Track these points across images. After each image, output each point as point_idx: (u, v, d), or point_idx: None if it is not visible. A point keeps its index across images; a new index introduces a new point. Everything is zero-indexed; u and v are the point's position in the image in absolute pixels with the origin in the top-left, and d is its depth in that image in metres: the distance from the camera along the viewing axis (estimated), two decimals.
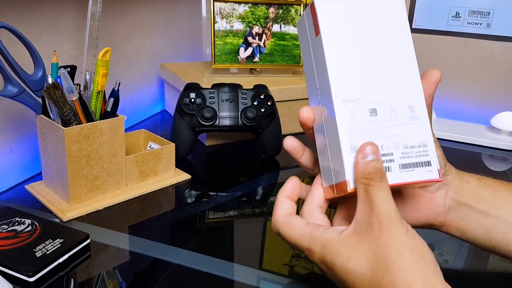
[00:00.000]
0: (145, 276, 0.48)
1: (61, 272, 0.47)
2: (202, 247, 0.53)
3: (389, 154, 0.36)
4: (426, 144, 0.37)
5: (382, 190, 0.33)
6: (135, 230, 0.57)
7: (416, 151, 0.37)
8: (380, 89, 0.37)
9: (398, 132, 0.37)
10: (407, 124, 0.37)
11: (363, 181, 0.34)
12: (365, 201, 0.34)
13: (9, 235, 0.50)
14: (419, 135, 0.37)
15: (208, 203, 0.64)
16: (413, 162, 0.37)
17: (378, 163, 0.34)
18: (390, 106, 0.37)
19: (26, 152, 0.68)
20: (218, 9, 0.92)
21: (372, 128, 0.36)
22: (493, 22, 0.99)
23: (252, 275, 0.49)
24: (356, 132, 0.36)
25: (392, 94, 0.37)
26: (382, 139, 0.36)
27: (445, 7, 1.02)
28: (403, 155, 0.37)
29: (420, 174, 0.37)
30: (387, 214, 0.32)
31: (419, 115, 0.37)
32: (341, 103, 0.36)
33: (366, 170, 0.34)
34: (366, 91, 0.37)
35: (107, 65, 0.59)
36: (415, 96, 0.38)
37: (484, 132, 0.98)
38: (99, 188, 0.61)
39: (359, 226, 0.34)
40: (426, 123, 0.37)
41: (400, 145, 0.37)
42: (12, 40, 0.57)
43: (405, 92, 0.37)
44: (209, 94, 0.75)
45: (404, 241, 0.32)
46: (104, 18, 0.70)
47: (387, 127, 0.36)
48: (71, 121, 0.56)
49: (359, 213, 0.34)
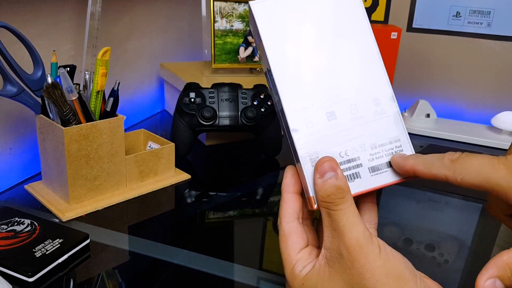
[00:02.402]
0: (145, 277, 0.48)
1: (61, 272, 0.47)
2: (202, 247, 0.53)
3: (355, 159, 0.33)
4: (399, 138, 0.34)
5: (346, 214, 0.31)
6: (135, 230, 0.57)
7: (387, 148, 0.34)
8: (336, 89, 0.34)
9: (363, 132, 0.33)
10: (373, 121, 0.33)
11: (324, 205, 0.32)
12: (330, 227, 0.31)
13: (8, 235, 0.50)
14: (388, 130, 0.34)
15: (208, 203, 0.64)
16: (385, 163, 0.33)
17: (338, 180, 0.31)
18: (351, 105, 0.33)
19: (26, 152, 0.68)
20: (218, 8, 0.92)
21: (332, 134, 0.33)
22: (494, 21, 0.99)
23: (252, 275, 0.49)
24: (314, 142, 0.33)
25: (351, 91, 0.34)
26: (345, 143, 0.33)
27: (446, 7, 1.02)
28: (372, 157, 0.33)
29: (395, 174, 0.33)
30: (355, 241, 0.30)
31: (386, 108, 0.34)
32: (293, 113, 0.33)
33: (325, 192, 0.31)
34: (320, 95, 0.33)
35: (106, 64, 0.59)
36: (379, 88, 0.34)
37: (484, 132, 0.98)
38: (98, 188, 0.60)
39: (330, 255, 0.32)
40: (395, 115, 0.34)
41: (367, 146, 0.33)
42: (11, 40, 0.57)
43: (366, 86, 0.34)
44: (209, 93, 0.75)
45: (378, 266, 0.30)
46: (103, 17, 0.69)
47: (349, 129, 0.33)
48: (71, 121, 0.56)
49: (327, 240, 0.32)
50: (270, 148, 0.79)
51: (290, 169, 0.36)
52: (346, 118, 0.33)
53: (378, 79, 0.34)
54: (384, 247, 0.31)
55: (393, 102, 0.34)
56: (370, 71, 0.34)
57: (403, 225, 0.63)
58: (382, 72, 0.34)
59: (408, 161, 0.33)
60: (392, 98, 0.34)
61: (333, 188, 0.31)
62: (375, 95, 0.34)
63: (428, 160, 0.32)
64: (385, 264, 0.30)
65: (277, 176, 0.76)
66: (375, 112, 0.34)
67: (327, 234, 0.32)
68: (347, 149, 0.33)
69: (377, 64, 0.35)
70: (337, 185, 0.31)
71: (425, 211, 0.67)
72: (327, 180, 0.31)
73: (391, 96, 0.34)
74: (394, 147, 0.34)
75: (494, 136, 0.95)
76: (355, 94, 0.34)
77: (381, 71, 0.34)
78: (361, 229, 0.31)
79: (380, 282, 0.30)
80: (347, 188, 0.31)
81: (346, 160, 0.33)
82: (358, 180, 0.33)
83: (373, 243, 0.31)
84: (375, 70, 0.34)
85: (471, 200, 0.69)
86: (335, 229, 0.31)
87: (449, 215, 0.67)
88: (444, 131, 0.96)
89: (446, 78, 1.07)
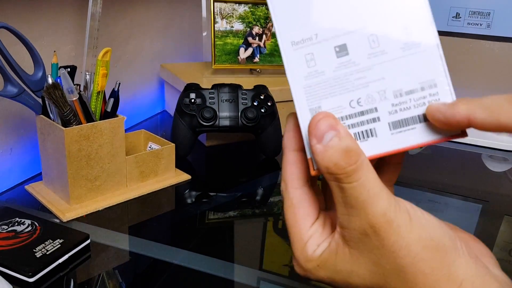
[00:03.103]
0: (145, 277, 0.48)
1: (61, 272, 0.47)
2: (202, 247, 0.53)
3: (371, 111, 0.25)
4: (435, 82, 0.25)
5: (365, 186, 0.24)
6: (135, 231, 0.57)
7: (418, 97, 0.25)
8: (350, 12, 0.25)
9: (384, 74, 0.25)
10: (400, 58, 0.25)
11: (332, 178, 0.24)
12: (345, 203, 0.25)
13: (9, 236, 0.50)
14: (421, 71, 0.25)
15: (208, 203, 0.64)
16: (412, 116, 0.25)
17: (342, 140, 0.24)
18: (370, 36, 0.25)
19: (26, 153, 0.68)
20: (218, 9, 0.92)
21: (342, 75, 0.25)
22: (493, 22, 0.99)
23: (252, 275, 0.49)
24: (316, 87, 0.26)
25: (371, 16, 0.25)
26: (359, 89, 0.25)
27: (445, 8, 1.02)
28: (395, 108, 0.25)
29: (427, 132, 0.25)
30: (382, 216, 0.24)
31: (420, 39, 0.25)
32: (290, 47, 0.26)
33: (330, 161, 0.24)
34: (327, 21, 0.25)
35: (107, 65, 0.59)
36: (411, 8, 0.25)
37: (484, 132, 0.98)
38: (99, 188, 0.60)
39: (350, 235, 0.25)
40: (432, 49, 0.25)
41: (389, 93, 0.25)
42: (12, 40, 0.57)
43: (393, 7, 0.25)
44: (209, 94, 0.75)
45: (412, 240, 0.24)
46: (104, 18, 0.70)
47: (365, 69, 0.25)
48: (71, 122, 0.56)
49: (343, 218, 0.25)
50: (270, 148, 0.79)
51: (292, 119, 0.28)
52: (362, 53, 0.25)
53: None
54: (414, 212, 0.25)
55: (432, 31, 0.25)
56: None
57: None
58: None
59: (458, 107, 0.24)
60: (430, 24, 0.25)
61: (339, 152, 0.23)
62: (405, 21, 0.25)
63: (490, 103, 0.23)
64: (420, 234, 0.24)
65: (277, 176, 0.76)
66: (405, 46, 0.25)
67: (342, 211, 0.25)
68: (361, 97, 0.25)
69: None
70: (344, 147, 0.24)
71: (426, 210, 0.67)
72: (328, 143, 0.24)
73: (430, 21, 0.25)
74: (427, 95, 0.25)
75: (494, 136, 0.95)
76: (376, 20, 0.25)
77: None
78: (386, 200, 0.24)
79: (417, 258, 0.24)
80: (356, 148, 0.24)
81: (359, 112, 0.25)
82: (373, 139, 0.25)
83: (402, 210, 0.24)
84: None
85: (471, 201, 0.69)
86: (352, 206, 0.24)
87: (449, 215, 0.67)
88: None
89: None
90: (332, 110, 0.26)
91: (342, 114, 0.26)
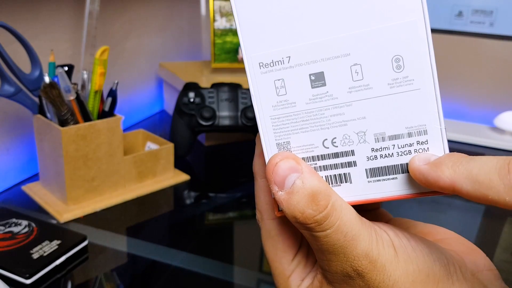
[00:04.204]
0: (143, 279, 0.48)
1: (58, 274, 0.47)
2: (201, 249, 0.53)
3: (346, 154, 0.22)
4: (425, 128, 0.21)
5: (341, 231, 0.21)
6: (133, 232, 0.56)
7: (403, 144, 0.21)
8: (332, 34, 0.21)
9: (366, 113, 0.21)
10: (387, 95, 0.21)
11: (301, 228, 0.21)
12: (321, 250, 0.22)
13: (5, 237, 0.49)
14: (411, 113, 0.21)
15: (207, 204, 0.64)
16: (394, 165, 0.22)
17: (307, 183, 0.21)
18: (353, 65, 0.21)
19: (23, 153, 0.68)
20: (217, 7, 0.91)
21: (316, 110, 0.22)
22: (496, 21, 0.98)
23: (252, 277, 0.49)
24: (286, 119, 0.22)
25: (357, 41, 0.21)
26: (335, 127, 0.22)
27: (448, 6, 1.02)
28: (375, 154, 0.22)
29: (408, 184, 0.22)
30: (364, 258, 0.21)
31: (413, 75, 0.20)
32: (258, 69, 0.22)
33: (297, 210, 0.21)
34: (303, 42, 0.21)
35: (104, 64, 0.59)
36: (407, 38, 0.20)
37: (487, 132, 0.97)
38: (96, 189, 0.60)
39: (333, 277, 0.23)
40: (427, 88, 0.21)
41: (370, 136, 0.21)
42: (8, 39, 0.56)
43: (384, 32, 0.20)
44: (209, 93, 0.74)
45: (399, 276, 0.22)
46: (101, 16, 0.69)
47: (344, 105, 0.21)
48: (68, 121, 0.56)
49: (323, 263, 0.23)
50: None
51: (260, 143, 0.24)
52: (341, 86, 0.21)
53: (409, 11, 0.20)
54: (399, 242, 0.22)
55: (430, 65, 0.20)
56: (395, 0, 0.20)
57: None
58: (418, 1, 0.20)
59: (442, 173, 0.20)
60: (429, 56, 0.20)
61: (305, 198, 0.20)
62: (397, 51, 0.20)
63: (478, 173, 0.19)
64: (407, 269, 0.22)
65: None
66: (394, 82, 0.21)
67: (320, 257, 0.23)
68: (336, 136, 0.22)
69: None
70: (309, 191, 0.21)
71: (427, 213, 0.66)
72: (291, 189, 0.21)
73: (428, 52, 0.20)
74: (415, 142, 0.21)
75: (497, 136, 0.95)
76: (362, 44, 0.21)
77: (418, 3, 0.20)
78: (367, 239, 0.21)
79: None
80: (325, 189, 0.21)
81: (333, 153, 0.22)
82: (347, 185, 0.22)
83: (385, 245, 0.22)
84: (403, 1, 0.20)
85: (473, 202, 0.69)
86: (330, 252, 0.21)
87: (452, 216, 0.66)
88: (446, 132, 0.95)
89: (448, 78, 1.07)
90: (302, 148, 0.22)
91: (314, 154, 0.22)
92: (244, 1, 0.21)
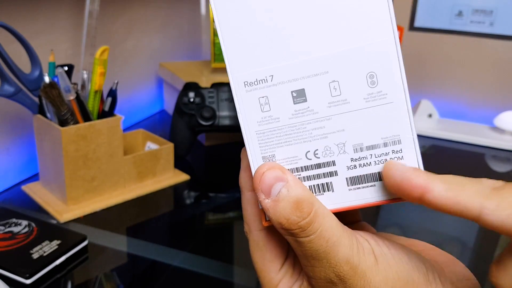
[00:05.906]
0: (143, 279, 0.48)
1: (58, 274, 0.47)
2: (201, 249, 0.53)
3: (328, 164, 0.24)
4: (399, 138, 0.23)
5: (324, 237, 0.22)
6: (133, 232, 0.56)
7: (380, 153, 0.23)
8: (311, 54, 0.23)
9: (345, 126, 0.23)
10: (364, 109, 0.23)
11: (286, 233, 0.23)
12: (305, 256, 0.23)
13: (5, 237, 0.49)
14: (385, 124, 0.23)
15: (207, 204, 0.64)
16: (372, 173, 0.23)
17: (291, 191, 0.22)
18: (331, 82, 0.23)
19: (23, 153, 0.68)
20: None
21: (298, 124, 0.23)
22: (496, 20, 0.98)
23: (252, 277, 0.49)
24: (270, 134, 0.24)
25: (334, 60, 0.23)
26: (316, 140, 0.24)
27: (448, 6, 1.02)
28: (354, 163, 0.24)
29: (384, 191, 0.23)
30: (345, 263, 0.22)
31: (386, 89, 0.23)
32: (243, 88, 0.23)
33: (282, 216, 0.22)
34: (285, 62, 0.23)
35: (104, 64, 0.59)
36: (380, 56, 0.22)
37: (487, 132, 0.97)
38: (96, 189, 0.60)
39: (318, 284, 0.24)
40: (399, 101, 0.23)
41: (349, 147, 0.23)
42: (8, 39, 0.56)
43: (359, 51, 0.22)
44: (209, 93, 0.74)
45: (379, 281, 0.23)
46: (101, 16, 0.69)
47: (324, 119, 0.23)
48: (68, 121, 0.56)
49: (308, 269, 0.24)
50: None
51: (246, 157, 0.25)
52: (321, 101, 0.23)
53: (380, 31, 0.22)
54: (380, 250, 0.24)
55: (401, 81, 0.23)
56: (368, 23, 0.22)
57: (405, 227, 0.62)
58: (389, 23, 0.22)
59: (417, 177, 0.21)
60: (399, 73, 0.22)
61: (290, 205, 0.22)
62: (371, 68, 0.22)
63: (452, 179, 0.21)
64: (387, 275, 0.23)
65: None
66: (369, 96, 0.23)
67: (304, 262, 0.24)
68: (318, 148, 0.24)
69: (383, 11, 0.22)
70: (294, 199, 0.22)
71: (427, 212, 0.66)
72: (277, 197, 0.22)
73: (398, 69, 0.22)
74: (390, 151, 0.23)
75: (497, 136, 0.95)
76: (339, 63, 0.23)
77: (388, 23, 0.22)
78: (348, 245, 0.23)
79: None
80: (309, 197, 0.22)
81: (315, 164, 0.24)
82: (329, 193, 0.24)
83: (366, 252, 0.23)
84: (379, 20, 0.22)
85: None
86: (314, 258, 0.23)
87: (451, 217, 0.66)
88: (446, 132, 0.95)
89: (449, 77, 1.07)
90: (287, 160, 0.24)
91: (297, 165, 0.24)
92: (229, 26, 0.23)
